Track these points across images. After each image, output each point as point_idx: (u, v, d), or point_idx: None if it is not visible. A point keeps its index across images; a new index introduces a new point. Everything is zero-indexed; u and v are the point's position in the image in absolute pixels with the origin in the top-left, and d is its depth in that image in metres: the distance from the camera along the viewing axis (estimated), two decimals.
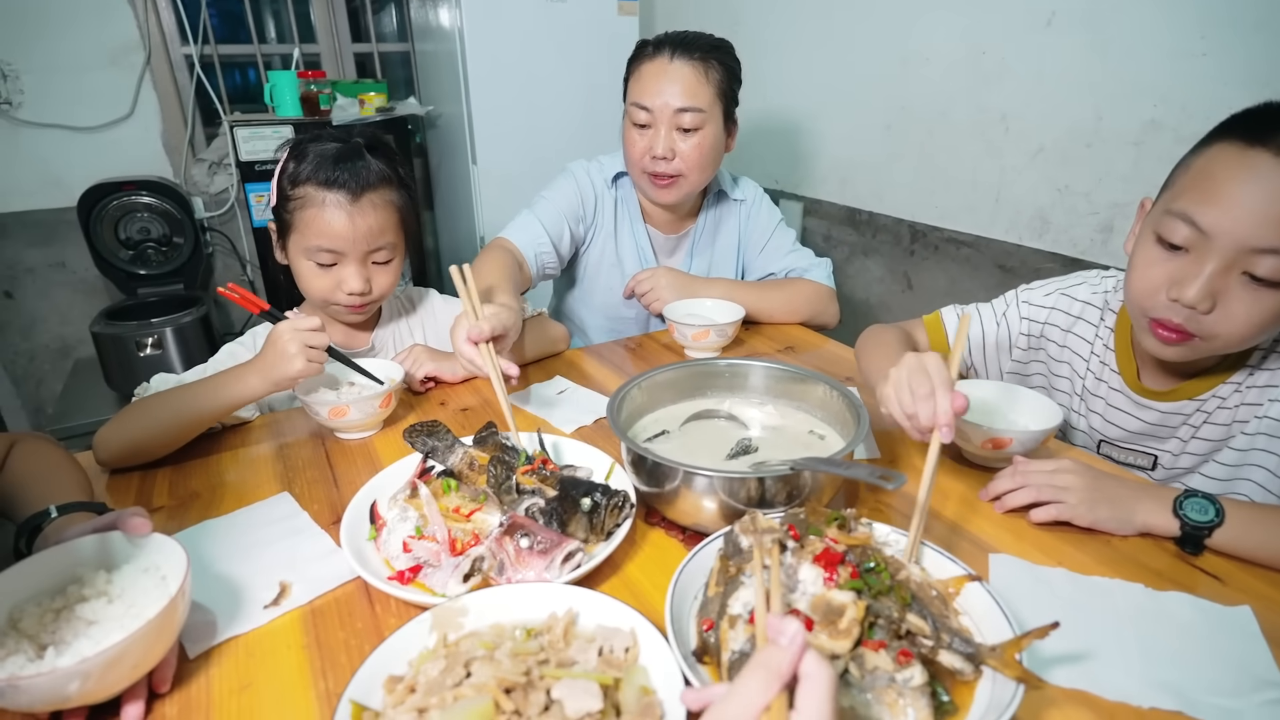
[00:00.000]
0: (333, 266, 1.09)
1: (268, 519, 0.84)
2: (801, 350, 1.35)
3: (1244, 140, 0.77)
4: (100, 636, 0.57)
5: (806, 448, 0.88)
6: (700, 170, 1.39)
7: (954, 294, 1.98)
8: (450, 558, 0.71)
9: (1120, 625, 0.66)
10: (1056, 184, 1.66)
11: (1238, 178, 0.77)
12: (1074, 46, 1.56)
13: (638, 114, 1.36)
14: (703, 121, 1.35)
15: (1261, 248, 0.75)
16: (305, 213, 1.06)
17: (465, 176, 2.46)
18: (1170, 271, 0.82)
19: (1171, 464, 0.98)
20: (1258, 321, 0.79)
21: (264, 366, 0.95)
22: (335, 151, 1.07)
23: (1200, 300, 0.79)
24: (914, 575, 0.64)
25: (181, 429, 0.96)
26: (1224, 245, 0.77)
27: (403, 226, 1.15)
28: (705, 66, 1.34)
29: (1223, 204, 0.77)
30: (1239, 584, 0.72)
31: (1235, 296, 0.79)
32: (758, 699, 0.39)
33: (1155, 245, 0.84)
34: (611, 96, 2.50)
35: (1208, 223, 0.78)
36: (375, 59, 3.11)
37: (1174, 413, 0.95)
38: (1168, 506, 0.76)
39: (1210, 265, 0.78)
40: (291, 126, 2.47)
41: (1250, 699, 0.58)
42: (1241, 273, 0.78)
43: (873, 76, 2.07)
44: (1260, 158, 0.75)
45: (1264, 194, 0.74)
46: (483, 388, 1.19)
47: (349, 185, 1.06)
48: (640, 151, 1.37)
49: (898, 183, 2.09)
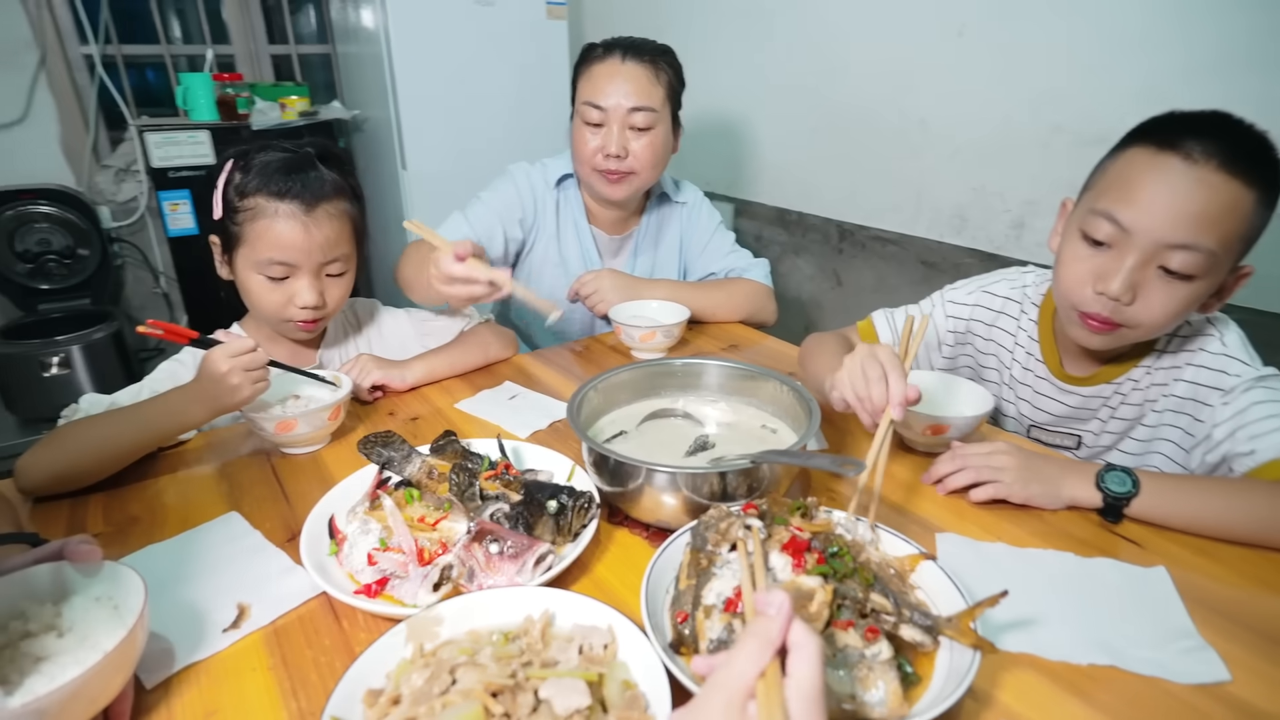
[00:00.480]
0: (285, 280, 1.05)
1: (218, 540, 0.81)
2: (744, 348, 1.39)
3: (1156, 145, 0.85)
4: (54, 672, 0.54)
5: (761, 441, 0.91)
6: (651, 168, 1.42)
7: (881, 289, 2.08)
8: (418, 567, 0.70)
9: (1056, 591, 0.71)
10: (972, 184, 1.77)
11: (1152, 180, 0.84)
12: (984, 55, 1.67)
13: (590, 113, 1.37)
14: (655, 121, 1.38)
15: (1174, 243, 0.83)
16: (256, 224, 1.02)
17: (394, 182, 2.41)
18: (1095, 267, 0.89)
19: (1094, 443, 1.07)
20: (1172, 310, 0.87)
21: (205, 396, 0.91)
22: (286, 161, 1.04)
23: (1123, 293, 0.86)
24: (873, 556, 0.67)
25: (118, 455, 0.91)
26: (1142, 241, 0.85)
27: (355, 237, 1.12)
28: (655, 69, 1.37)
29: (1140, 204, 0.84)
30: (1154, 547, 0.79)
31: (1153, 288, 0.86)
32: (752, 666, 0.42)
33: (1081, 242, 0.91)
34: (543, 100, 2.52)
35: (1128, 221, 0.85)
36: (294, 61, 3.00)
37: (1094, 396, 1.03)
38: (1090, 480, 0.83)
39: (1131, 260, 0.85)
40: (208, 131, 2.36)
41: (1170, 649, 0.64)
42: (1158, 266, 0.85)
43: (798, 83, 2.15)
44: (1171, 161, 0.83)
45: (1175, 195, 0.82)
46: (432, 396, 1.17)
47: (302, 196, 1.03)
48: (593, 150, 1.39)
49: (825, 184, 2.17)
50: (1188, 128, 0.84)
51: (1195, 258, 0.83)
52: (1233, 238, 0.83)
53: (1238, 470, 0.88)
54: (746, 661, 0.42)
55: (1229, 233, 0.82)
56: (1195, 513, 0.80)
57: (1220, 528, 0.79)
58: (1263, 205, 0.83)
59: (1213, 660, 0.63)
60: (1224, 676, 0.61)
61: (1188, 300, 0.86)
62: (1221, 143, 0.82)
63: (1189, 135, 0.83)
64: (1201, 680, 0.61)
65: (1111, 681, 0.61)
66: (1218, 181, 0.81)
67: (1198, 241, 0.82)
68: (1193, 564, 0.76)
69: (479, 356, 1.27)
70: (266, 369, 0.93)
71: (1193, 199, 0.81)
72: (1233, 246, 0.84)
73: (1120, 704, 0.59)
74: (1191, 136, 0.83)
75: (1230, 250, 0.84)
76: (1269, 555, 0.77)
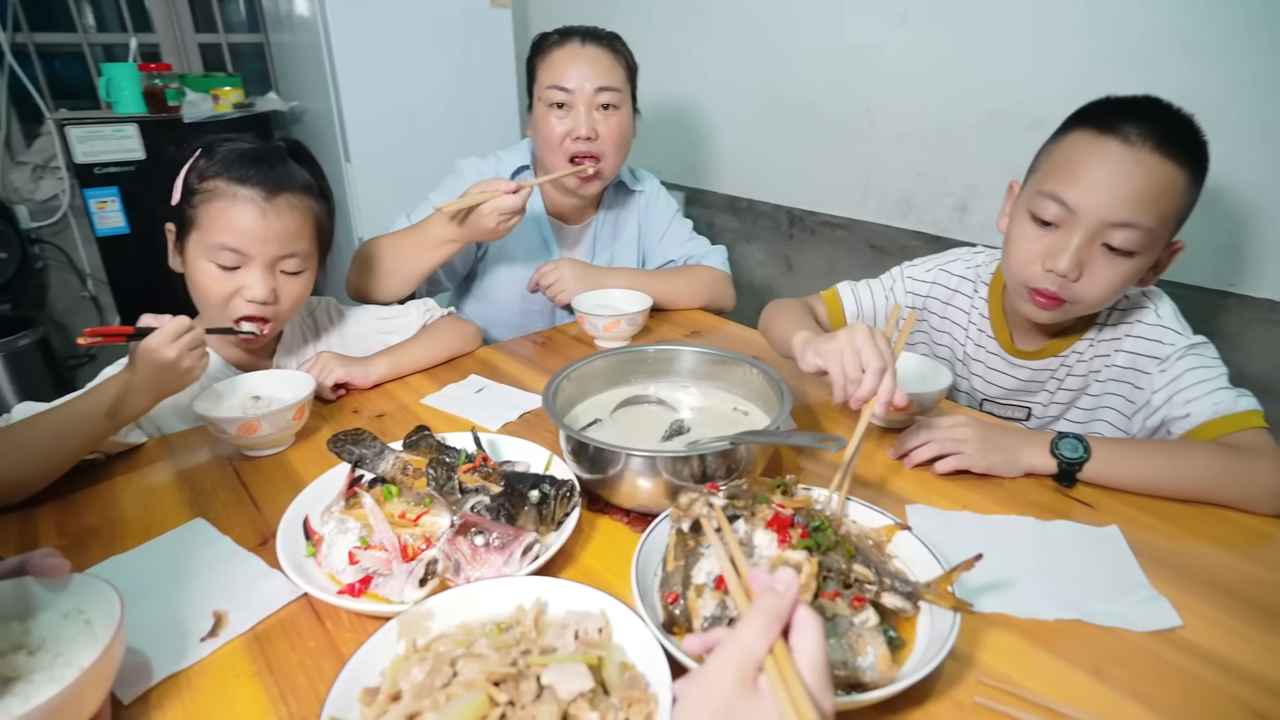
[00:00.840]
0: (235, 271, 1.00)
1: (185, 548, 0.78)
2: (706, 333, 1.41)
3: (1096, 129, 0.90)
4: (29, 692, 0.52)
5: (734, 424, 0.93)
6: (618, 152, 1.41)
7: (832, 273, 2.12)
8: (403, 564, 0.69)
9: (1021, 553, 0.75)
10: (917, 169, 1.82)
11: (1095, 163, 0.89)
12: (924, 43, 1.71)
13: (555, 95, 1.35)
14: (620, 101, 1.38)
15: (1117, 221, 0.88)
16: (211, 206, 0.98)
17: (338, 175, 2.34)
18: (1044, 246, 0.94)
19: (1042, 414, 1.12)
20: (1115, 285, 0.92)
21: (149, 385, 0.88)
22: (254, 150, 1.01)
23: (1071, 269, 0.91)
24: (852, 529, 0.70)
25: (62, 456, 0.87)
26: (1087, 221, 0.89)
27: (318, 238, 1.08)
28: (614, 51, 1.37)
29: (1085, 185, 0.89)
30: (1106, 508, 0.84)
31: (1097, 265, 0.92)
32: (762, 640, 0.43)
33: (1030, 223, 0.96)
34: (488, 90, 2.48)
35: (1074, 201, 0.90)
36: (224, 50, 2.88)
37: (1042, 369, 1.09)
38: (1045, 448, 0.88)
39: (1077, 238, 0.90)
40: (136, 125, 2.24)
41: (1127, 600, 0.69)
42: (1102, 244, 0.90)
43: (745, 70, 2.17)
44: (1111, 144, 0.88)
45: (1116, 176, 0.87)
46: (396, 392, 1.15)
47: (264, 183, 0.99)
48: (561, 134, 1.36)
49: (774, 171, 2.20)
50: (1124, 112, 0.89)
51: (1136, 235, 0.88)
52: (1168, 215, 0.89)
53: (1175, 432, 0.94)
54: (756, 636, 0.43)
55: (1165, 210, 0.88)
56: (1140, 473, 0.86)
57: (1164, 486, 0.85)
58: (1192, 184, 0.89)
59: (1165, 609, 0.67)
60: (1177, 622, 0.66)
61: (1129, 275, 0.92)
62: (1155, 126, 0.87)
63: (1126, 119, 0.88)
64: (1157, 627, 0.65)
65: (1077, 634, 0.65)
66: (1154, 163, 0.86)
67: (1138, 219, 0.87)
68: (1141, 522, 0.81)
69: (443, 350, 1.25)
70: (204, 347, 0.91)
71: (1133, 180, 0.87)
72: (1168, 223, 0.90)
73: (1087, 654, 0.63)
74: (1128, 121, 0.88)
75: (1166, 227, 0.90)
76: (1208, 510, 0.83)
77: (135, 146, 2.24)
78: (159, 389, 0.89)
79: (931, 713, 0.57)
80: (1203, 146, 0.90)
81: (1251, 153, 1.23)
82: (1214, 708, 0.57)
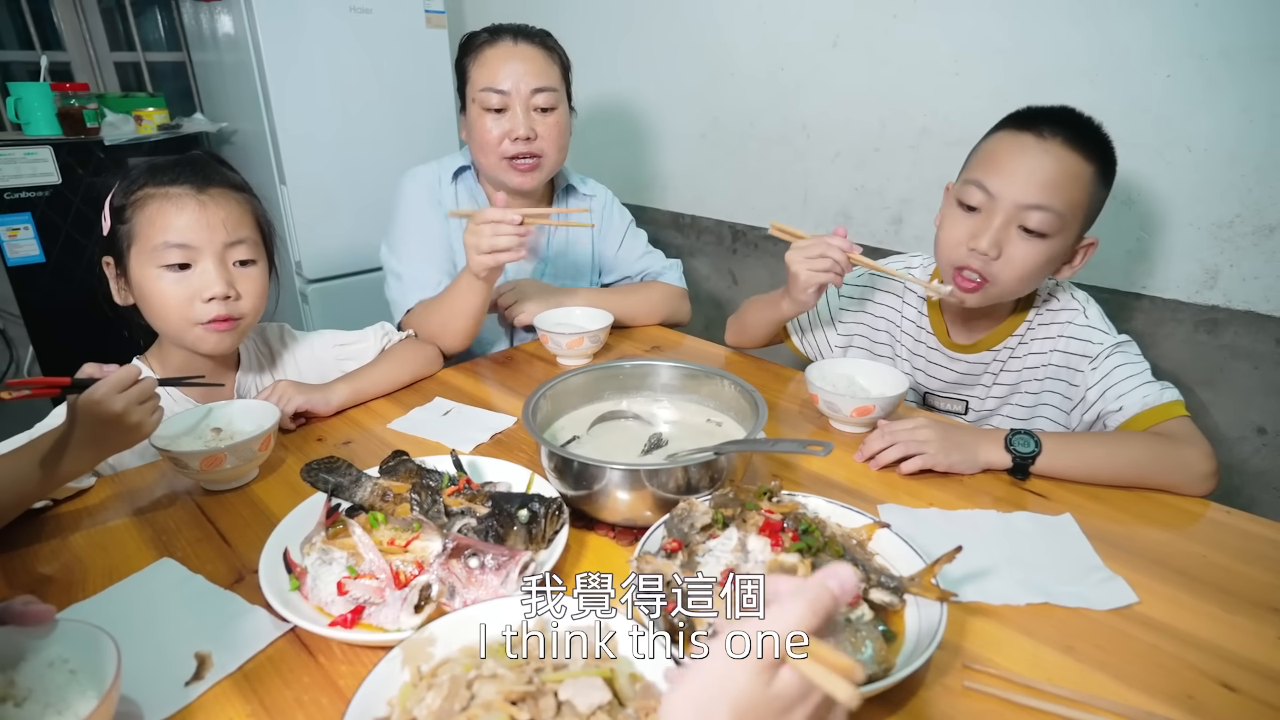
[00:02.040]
0: (187, 270, 0.97)
1: (155, 590, 0.75)
2: (666, 348, 1.44)
3: (1016, 128, 1.03)
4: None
5: (709, 436, 0.95)
6: (559, 150, 1.40)
7: (776, 285, 2.15)
8: (396, 591, 0.68)
9: (988, 545, 0.80)
10: (853, 184, 1.91)
11: (1012, 153, 1.01)
12: (856, 65, 1.80)
13: (490, 98, 1.33)
14: (557, 101, 1.37)
15: (1030, 204, 0.99)
16: (145, 212, 0.95)
17: (273, 199, 2.27)
18: (969, 228, 1.04)
19: (979, 407, 1.19)
20: (1030, 266, 1.02)
21: (93, 441, 0.82)
22: (175, 159, 0.99)
23: (991, 248, 1.01)
24: (836, 531, 0.73)
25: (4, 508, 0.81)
26: (1005, 204, 1.00)
27: (261, 231, 1.05)
28: (547, 49, 1.37)
29: (1003, 173, 1.01)
30: (1059, 498, 0.90)
31: (1014, 246, 1.02)
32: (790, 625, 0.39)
33: (958, 210, 1.07)
34: (425, 108, 2.46)
35: (994, 187, 1.01)
36: (144, 69, 2.75)
37: (977, 362, 1.17)
38: (1000, 445, 0.94)
39: (997, 219, 1.01)
40: (50, 147, 2.11)
41: (1087, 582, 0.74)
42: (1018, 226, 1.01)
43: (685, 91, 2.23)
44: (1027, 139, 1.01)
45: (1030, 164, 0.99)
46: (360, 418, 1.13)
47: (193, 179, 0.97)
48: (498, 137, 1.34)
49: (716, 187, 2.26)
50: (1041, 116, 1.03)
51: (1047, 217, 0.99)
52: (1076, 203, 1.00)
53: (1111, 425, 1.02)
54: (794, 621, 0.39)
55: (1073, 198, 0.99)
56: (1086, 464, 0.93)
57: (1107, 475, 0.92)
58: (1099, 180, 1.01)
59: (1122, 588, 0.73)
60: (1133, 599, 0.71)
61: (1042, 258, 1.02)
62: (1066, 126, 1.00)
63: (1042, 121, 1.01)
64: (1116, 604, 0.71)
65: (1047, 616, 0.70)
66: (1063, 154, 0.98)
67: (1049, 203, 0.98)
68: (1090, 509, 0.87)
69: (405, 374, 1.23)
70: (156, 397, 0.85)
71: (1044, 168, 0.99)
72: (1077, 211, 1.01)
73: (1057, 634, 0.67)
74: (1043, 121, 1.01)
75: (1075, 214, 1.01)
76: (1146, 495, 0.90)
77: (50, 170, 2.11)
78: (103, 446, 0.83)
79: (926, 700, 0.61)
80: (1108, 148, 1.02)
81: (1155, 168, 1.34)
82: (1174, 675, 0.63)
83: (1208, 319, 1.34)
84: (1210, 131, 1.27)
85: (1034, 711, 0.59)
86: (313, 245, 2.31)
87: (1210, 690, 0.61)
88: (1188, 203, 1.32)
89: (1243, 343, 1.30)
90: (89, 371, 0.83)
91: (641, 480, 0.78)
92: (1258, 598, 0.72)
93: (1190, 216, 1.33)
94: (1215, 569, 0.76)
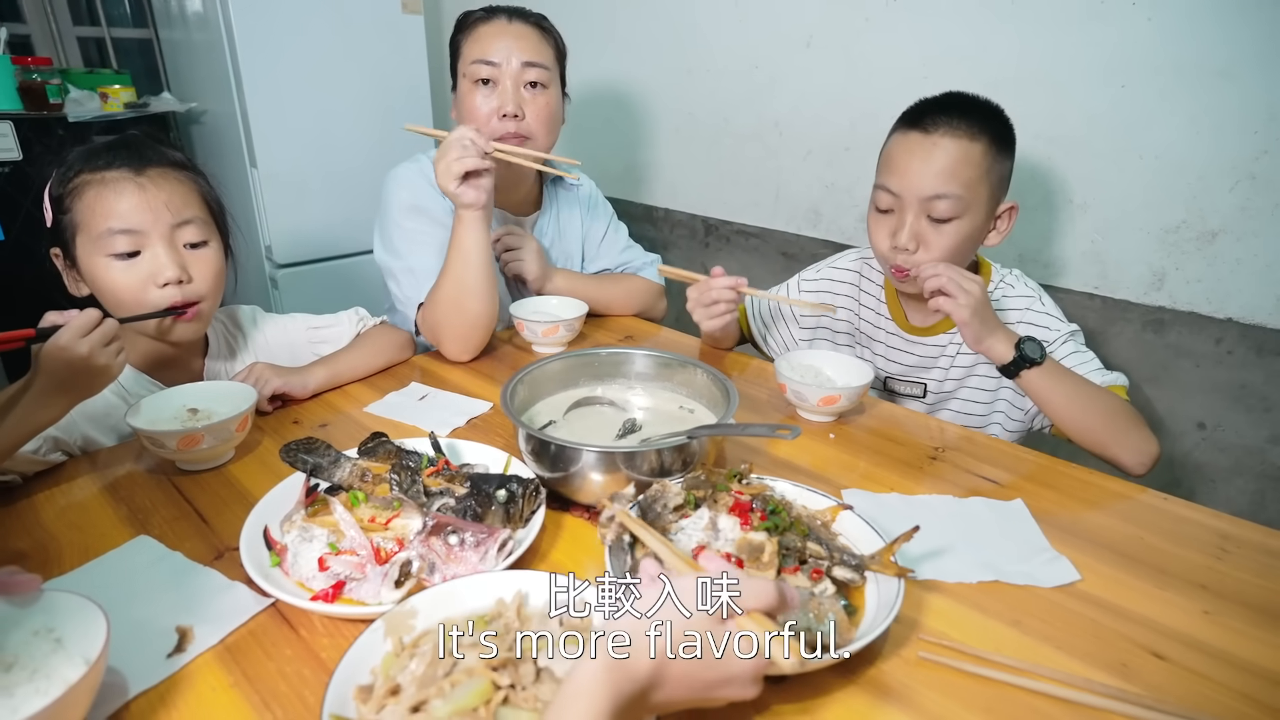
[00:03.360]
0: (136, 257, 0.95)
1: (134, 566, 0.75)
2: (640, 338, 1.46)
3: (904, 127, 1.12)
4: (14, 705, 0.50)
5: (682, 422, 0.98)
6: (548, 133, 1.37)
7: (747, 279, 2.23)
8: (377, 567, 0.70)
9: (944, 527, 0.84)
10: (824, 181, 1.95)
11: (905, 153, 1.10)
12: (829, 65, 1.84)
13: (480, 70, 1.30)
14: (549, 79, 1.35)
15: (930, 195, 1.07)
16: (84, 199, 0.93)
17: (243, 182, 2.24)
18: (887, 228, 1.13)
19: (938, 389, 1.25)
20: (951, 248, 1.09)
21: (62, 388, 0.82)
22: (108, 142, 0.97)
23: (909, 242, 1.10)
24: (802, 512, 0.76)
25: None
26: (910, 201, 1.09)
27: (210, 211, 1.04)
28: (541, 30, 1.35)
29: (900, 173, 1.10)
30: (1011, 486, 0.95)
31: (930, 235, 1.10)
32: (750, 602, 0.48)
33: (876, 214, 1.16)
34: (399, 93, 2.45)
35: (896, 188, 1.10)
36: (108, 45, 2.68)
37: (934, 345, 1.24)
38: (1012, 343, 1.00)
39: (908, 216, 1.10)
40: (10, 122, 2.06)
41: (1035, 561, 0.79)
42: (927, 217, 1.09)
43: (660, 86, 2.25)
44: (914, 137, 1.09)
45: (921, 160, 1.08)
46: (336, 402, 1.14)
47: (130, 161, 0.95)
48: (487, 113, 1.31)
49: (689, 182, 2.29)
50: (926, 109, 1.10)
51: (950, 202, 1.07)
52: (974, 181, 1.07)
53: None
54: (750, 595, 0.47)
55: (969, 178, 1.07)
56: (1068, 396, 1.00)
57: (1079, 416, 1.00)
58: (994, 151, 1.08)
59: (1066, 567, 0.78)
60: (1076, 577, 0.76)
61: (959, 237, 1.09)
62: (948, 115, 1.08)
63: (926, 115, 1.09)
64: (1061, 582, 0.75)
65: (997, 593, 0.74)
66: (947, 143, 1.07)
67: (946, 189, 1.07)
68: (1040, 495, 0.92)
69: (380, 359, 1.24)
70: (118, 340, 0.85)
71: (932, 160, 1.07)
72: (977, 188, 1.08)
73: (1006, 609, 0.72)
74: (927, 115, 1.09)
75: (976, 191, 1.08)
76: (1093, 483, 0.95)
77: (10, 146, 2.06)
78: (71, 392, 0.84)
79: (883, 670, 0.64)
80: (997, 118, 1.10)
81: (1110, 174, 1.41)
82: (1113, 647, 0.67)
83: (1154, 319, 1.41)
84: (1161, 141, 1.33)
85: (983, 680, 0.63)
86: (283, 230, 2.29)
87: (1142, 659, 0.66)
88: (1138, 208, 1.39)
89: (1185, 342, 1.38)
90: (51, 319, 0.81)
91: (616, 463, 0.81)
92: (1188, 576, 0.77)
93: (1140, 221, 1.39)
94: (1151, 550, 0.81)
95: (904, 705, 0.61)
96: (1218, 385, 1.35)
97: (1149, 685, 0.63)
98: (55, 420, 0.85)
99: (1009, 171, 1.13)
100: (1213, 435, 1.38)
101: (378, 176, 1.44)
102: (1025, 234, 1.57)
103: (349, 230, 2.36)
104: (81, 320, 0.81)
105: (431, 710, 0.52)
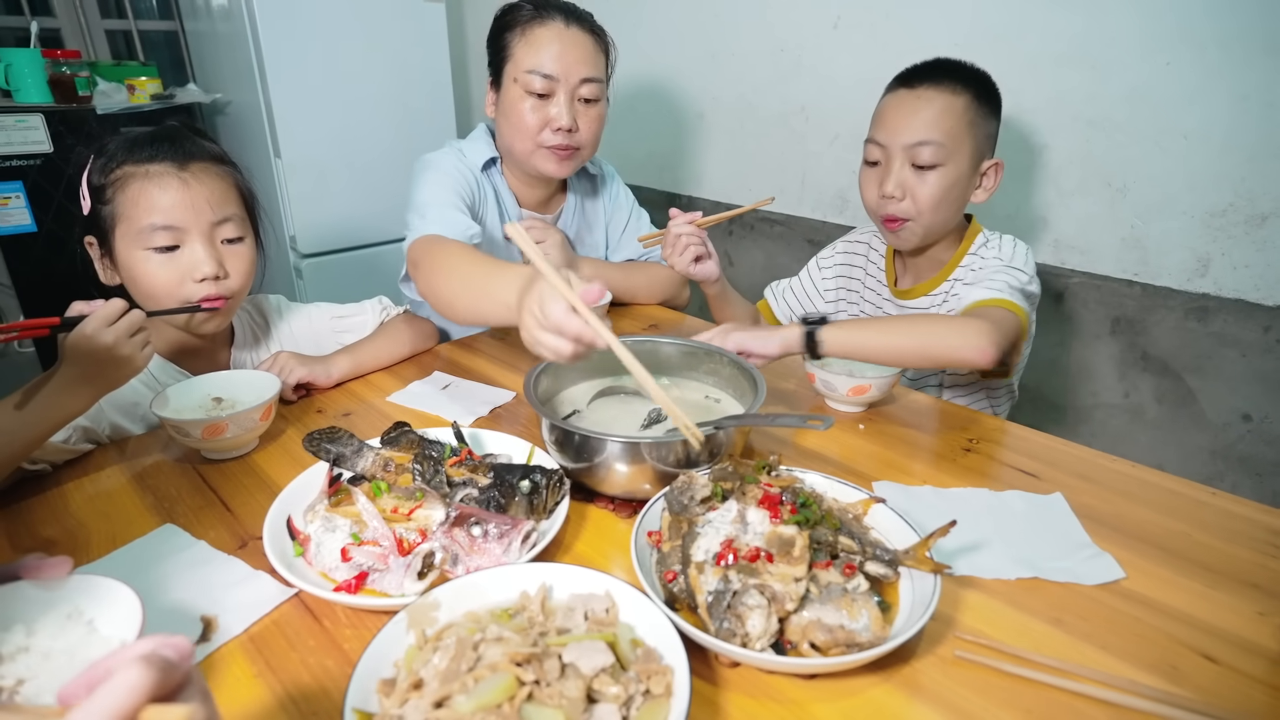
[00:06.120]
0: (175, 251, 0.96)
1: (159, 554, 0.75)
2: (665, 327, 1.44)
3: (894, 85, 1.19)
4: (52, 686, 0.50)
5: (707, 412, 0.96)
6: (595, 143, 1.36)
7: (771, 268, 2.19)
8: (399, 558, 0.69)
9: (979, 521, 0.81)
10: (851, 167, 1.90)
11: (892, 108, 1.17)
12: (857, 45, 1.80)
13: (535, 82, 1.24)
14: (601, 93, 1.31)
15: (913, 142, 1.13)
16: (128, 192, 0.93)
17: (267, 172, 2.25)
18: (875, 179, 1.19)
19: None
20: (937, 194, 1.15)
21: (88, 378, 0.83)
22: (150, 133, 0.97)
23: (895, 189, 1.16)
24: (833, 505, 0.74)
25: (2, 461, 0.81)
26: (895, 150, 1.15)
27: (246, 205, 1.04)
28: (597, 37, 1.30)
29: (888, 126, 1.17)
30: (1049, 479, 0.91)
31: (914, 183, 1.15)
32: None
33: (866, 168, 1.22)
34: (422, 84, 2.44)
35: (883, 139, 1.17)
36: (135, 38, 2.71)
37: (917, 307, 1.27)
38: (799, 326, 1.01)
39: (895, 165, 1.16)
40: (41, 115, 2.08)
41: (1076, 558, 0.76)
42: (912, 165, 1.14)
43: (683, 70, 2.22)
44: (901, 93, 1.17)
45: (905, 111, 1.15)
46: (360, 391, 1.13)
47: (173, 155, 0.96)
48: (538, 124, 1.26)
49: (713, 168, 2.26)
50: (914, 71, 1.17)
51: (932, 149, 1.12)
52: (956, 130, 1.12)
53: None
54: None
55: (950, 127, 1.12)
56: (870, 340, 1.01)
57: (893, 350, 1.00)
58: (978, 106, 1.14)
59: (1110, 563, 0.75)
60: (1120, 574, 0.73)
61: (943, 184, 1.14)
62: (933, 72, 1.14)
63: (913, 75, 1.16)
64: (1104, 580, 0.72)
65: (1036, 590, 0.71)
66: (930, 94, 1.13)
67: (929, 136, 1.12)
68: (1081, 489, 0.89)
69: (403, 348, 1.23)
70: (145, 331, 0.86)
71: (915, 111, 1.14)
72: (959, 138, 1.13)
73: (1046, 607, 0.69)
74: (915, 75, 1.16)
75: (958, 141, 1.13)
76: (1135, 476, 0.91)
77: (41, 139, 2.08)
78: (97, 382, 0.84)
79: (918, 669, 0.62)
80: (980, 79, 1.15)
81: (1151, 155, 1.36)
82: (1158, 647, 0.65)
83: (1198, 306, 1.36)
84: (1206, 120, 1.28)
85: (1022, 680, 0.61)
86: (307, 220, 2.30)
87: (1192, 661, 0.63)
88: (1181, 191, 1.34)
89: (1231, 330, 1.33)
90: (78, 309, 0.82)
91: (642, 453, 0.79)
92: (1239, 574, 0.74)
93: (1184, 205, 1.34)
94: (1199, 547, 0.78)
95: (940, 705, 0.58)
96: (1265, 375, 1.30)
97: (1199, 689, 0.60)
98: (82, 411, 0.86)
99: (994, 132, 1.18)
100: (1259, 427, 1.33)
101: (400, 166, 1.44)
102: (1061, 219, 1.52)
103: (372, 220, 2.37)
104: (107, 310, 0.82)
105: (455, 705, 0.51)
